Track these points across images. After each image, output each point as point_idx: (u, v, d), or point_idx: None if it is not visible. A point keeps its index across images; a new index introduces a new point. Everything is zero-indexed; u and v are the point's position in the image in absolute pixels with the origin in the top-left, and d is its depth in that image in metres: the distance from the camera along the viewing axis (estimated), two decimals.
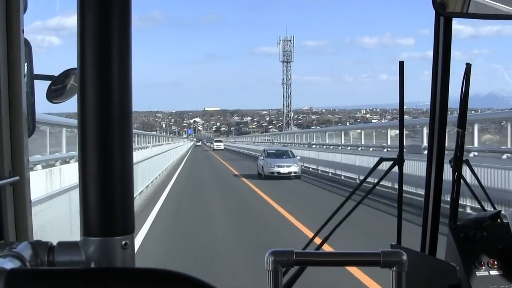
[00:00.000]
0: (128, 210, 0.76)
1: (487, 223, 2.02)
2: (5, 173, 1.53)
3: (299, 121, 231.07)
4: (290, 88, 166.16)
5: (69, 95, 1.85)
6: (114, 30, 0.74)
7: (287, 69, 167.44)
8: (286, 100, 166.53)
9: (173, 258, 9.39)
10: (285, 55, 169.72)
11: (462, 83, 2.11)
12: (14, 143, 1.55)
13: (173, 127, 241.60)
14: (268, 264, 1.32)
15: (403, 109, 2.13)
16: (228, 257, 9.57)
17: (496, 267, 1.95)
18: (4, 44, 1.49)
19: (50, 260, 0.76)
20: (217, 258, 9.36)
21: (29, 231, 1.63)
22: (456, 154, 2.16)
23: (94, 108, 0.74)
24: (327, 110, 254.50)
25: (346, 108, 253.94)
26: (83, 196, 0.75)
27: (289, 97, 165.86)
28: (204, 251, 9.84)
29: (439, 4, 1.91)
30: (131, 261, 0.76)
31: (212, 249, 10.14)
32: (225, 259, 9.38)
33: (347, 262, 1.58)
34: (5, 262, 0.68)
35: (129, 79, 0.76)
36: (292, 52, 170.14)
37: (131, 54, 0.76)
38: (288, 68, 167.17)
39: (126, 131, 0.75)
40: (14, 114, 1.53)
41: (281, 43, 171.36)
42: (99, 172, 0.74)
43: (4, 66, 1.50)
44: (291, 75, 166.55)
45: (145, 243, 10.50)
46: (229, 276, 7.99)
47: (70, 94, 1.85)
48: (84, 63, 0.74)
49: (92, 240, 0.75)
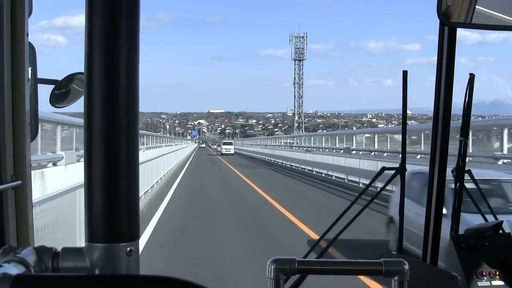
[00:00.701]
0: (134, 217, 0.76)
1: (489, 233, 2.02)
2: (7, 177, 1.54)
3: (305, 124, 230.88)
4: (302, 88, 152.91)
5: (72, 99, 1.86)
6: (122, 31, 0.73)
7: (299, 68, 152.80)
8: (298, 100, 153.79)
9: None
10: (297, 53, 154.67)
11: (465, 93, 2.11)
12: (17, 147, 1.55)
13: (177, 128, 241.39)
14: (269, 272, 1.32)
15: (406, 117, 2.13)
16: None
17: (498, 277, 1.94)
18: (8, 47, 1.50)
19: (54, 266, 0.76)
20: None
21: (30, 235, 1.63)
22: (458, 163, 2.15)
23: (101, 112, 0.74)
24: (332, 114, 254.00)
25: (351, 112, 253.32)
26: (88, 203, 0.75)
27: (300, 97, 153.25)
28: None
29: (443, 14, 1.91)
30: (136, 268, 0.76)
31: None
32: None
33: (349, 271, 1.57)
34: (10, 267, 0.68)
35: (136, 81, 0.75)
36: (305, 49, 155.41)
37: (138, 55, 0.76)
38: (301, 67, 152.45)
39: (132, 136, 0.75)
40: (17, 118, 1.53)
41: (293, 40, 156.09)
42: (105, 179, 0.74)
43: (8, 69, 1.50)
44: (303, 74, 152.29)
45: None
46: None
47: (74, 98, 1.86)
48: (91, 64, 0.74)
49: (97, 246, 0.74)
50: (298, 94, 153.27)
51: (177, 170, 32.76)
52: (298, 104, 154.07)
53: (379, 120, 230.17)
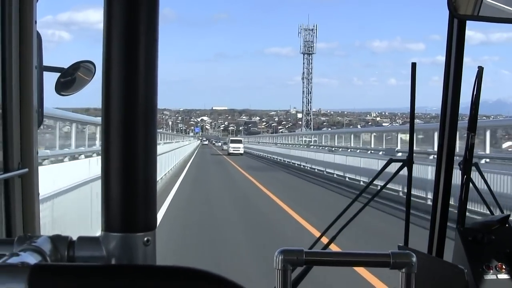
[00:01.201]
0: (151, 206, 0.75)
1: (495, 227, 2.01)
2: (14, 165, 1.54)
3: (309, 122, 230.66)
4: (311, 83, 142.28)
5: (78, 87, 1.86)
6: (141, 23, 0.73)
7: (308, 62, 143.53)
8: (306, 97, 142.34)
9: None
10: (306, 46, 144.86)
11: (473, 86, 2.10)
12: (24, 135, 1.55)
13: (180, 125, 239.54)
14: (277, 263, 1.32)
15: (414, 110, 2.12)
16: None
17: (504, 271, 1.94)
18: (16, 34, 1.49)
19: (70, 255, 0.75)
20: None
21: (37, 223, 1.63)
22: (465, 157, 2.15)
23: (119, 102, 0.73)
24: (336, 112, 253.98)
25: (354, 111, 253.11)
26: (105, 191, 0.74)
27: (309, 93, 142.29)
28: None
29: (453, 6, 1.90)
30: (153, 258, 0.75)
31: None
32: None
33: (357, 262, 1.57)
34: (26, 256, 0.68)
35: (155, 74, 0.75)
36: (315, 43, 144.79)
37: (157, 47, 0.75)
38: (310, 61, 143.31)
39: (150, 127, 0.74)
40: (25, 106, 1.53)
41: (302, 33, 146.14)
42: (122, 168, 0.73)
43: (16, 57, 1.49)
44: (312, 69, 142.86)
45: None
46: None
47: (79, 86, 1.86)
48: (110, 57, 0.73)
49: (113, 235, 0.73)
50: (307, 89, 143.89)
51: (175, 173, 26.74)
52: (307, 100, 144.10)
53: (383, 118, 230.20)
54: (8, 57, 1.47)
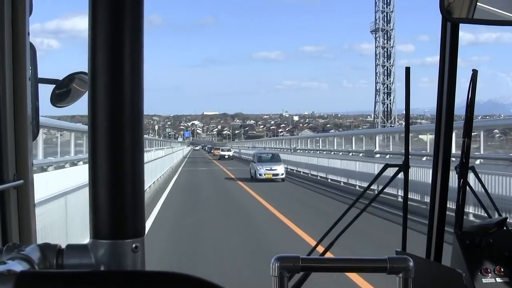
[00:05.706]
0: (139, 213, 0.75)
1: (493, 230, 2.01)
2: (10, 176, 1.53)
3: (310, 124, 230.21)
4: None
5: (73, 99, 1.86)
6: (126, 28, 0.73)
7: (385, 38, 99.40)
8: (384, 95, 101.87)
9: None
10: (382, 20, 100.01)
11: (468, 89, 2.10)
12: (19, 147, 1.54)
13: (168, 129, 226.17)
14: (273, 269, 1.31)
15: (409, 114, 2.12)
16: None
17: (503, 274, 1.94)
18: (9, 46, 1.49)
19: (59, 263, 0.75)
20: None
21: (33, 234, 1.62)
22: (461, 160, 2.15)
23: (105, 109, 0.73)
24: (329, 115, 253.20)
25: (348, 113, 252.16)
26: (93, 198, 0.74)
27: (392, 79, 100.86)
28: None
29: (446, 10, 1.91)
30: (142, 265, 0.75)
31: None
32: None
33: (353, 268, 1.57)
34: (14, 264, 0.67)
35: (141, 80, 0.75)
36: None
37: (143, 53, 0.75)
38: (389, 35, 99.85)
39: (137, 133, 0.74)
40: (19, 118, 1.53)
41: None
42: (109, 174, 0.73)
43: (9, 68, 1.49)
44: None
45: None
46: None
47: (74, 98, 1.85)
48: (95, 64, 0.73)
49: (101, 242, 0.74)
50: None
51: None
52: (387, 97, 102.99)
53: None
54: (1, 69, 1.47)
